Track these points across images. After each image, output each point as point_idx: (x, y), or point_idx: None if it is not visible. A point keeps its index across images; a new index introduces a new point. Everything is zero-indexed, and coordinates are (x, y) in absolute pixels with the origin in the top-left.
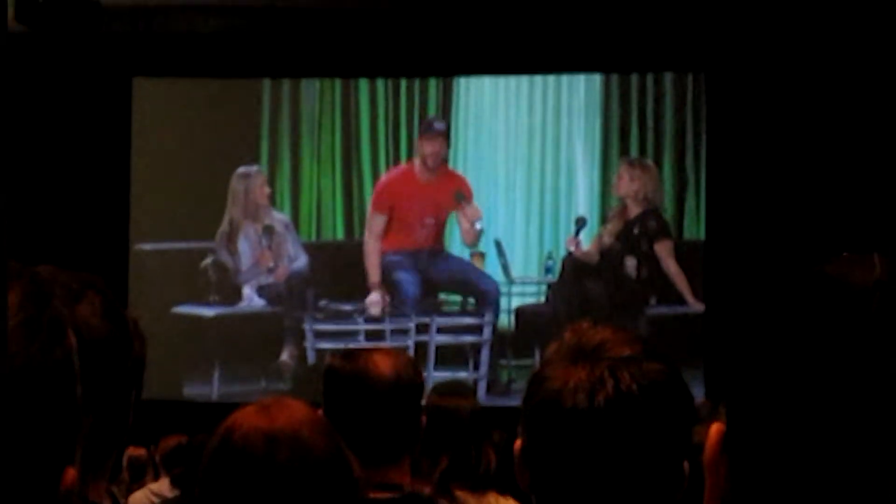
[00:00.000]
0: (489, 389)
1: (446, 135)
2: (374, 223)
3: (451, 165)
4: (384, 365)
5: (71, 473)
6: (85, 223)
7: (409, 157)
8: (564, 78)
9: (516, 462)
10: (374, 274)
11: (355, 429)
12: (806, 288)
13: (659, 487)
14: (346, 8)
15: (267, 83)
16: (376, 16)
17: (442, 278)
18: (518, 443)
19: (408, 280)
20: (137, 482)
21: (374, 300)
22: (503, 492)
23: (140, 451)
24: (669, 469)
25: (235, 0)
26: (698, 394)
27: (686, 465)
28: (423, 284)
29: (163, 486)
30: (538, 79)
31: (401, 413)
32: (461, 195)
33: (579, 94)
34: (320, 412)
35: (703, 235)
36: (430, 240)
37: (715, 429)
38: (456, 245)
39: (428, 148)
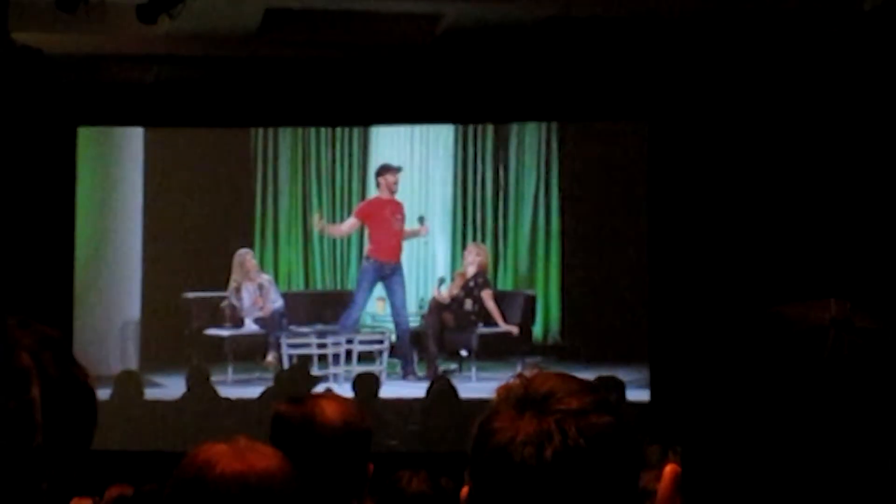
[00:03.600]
0: (405, 377)
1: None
2: (347, 223)
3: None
4: (332, 411)
5: None
6: (28, 273)
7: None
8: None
9: None
10: (337, 226)
11: (303, 474)
12: (761, 329)
13: None
14: (289, 57)
15: (216, 132)
16: (318, 65)
17: (390, 288)
18: (465, 490)
19: (360, 298)
20: None
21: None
22: None
23: (86, 502)
24: None
25: (177, 50)
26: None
27: None
28: (369, 299)
29: None
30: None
31: (348, 459)
32: (422, 217)
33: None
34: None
35: (645, 279)
36: (394, 254)
37: (669, 469)
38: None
39: (391, 178)
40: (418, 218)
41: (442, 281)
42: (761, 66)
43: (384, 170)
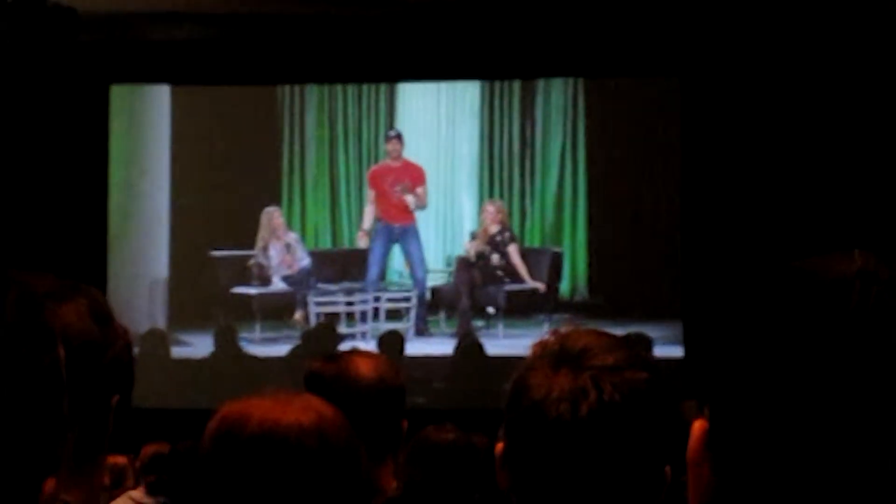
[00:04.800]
0: (418, 334)
1: (400, 137)
2: (368, 195)
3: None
4: (365, 367)
5: (50, 483)
6: (61, 232)
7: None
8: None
9: (497, 464)
10: (365, 223)
11: None
12: (785, 283)
13: (640, 492)
14: (316, 14)
15: (243, 90)
16: (345, 22)
17: (404, 249)
18: (499, 445)
19: (375, 257)
20: (118, 488)
21: (362, 237)
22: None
23: (121, 459)
24: (651, 474)
25: (208, 8)
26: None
27: (668, 469)
28: (386, 257)
29: (142, 492)
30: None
31: (383, 415)
32: (404, 188)
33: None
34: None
35: (678, 235)
36: (401, 217)
37: (697, 426)
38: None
39: (390, 146)
40: (401, 187)
41: (473, 235)
42: (794, 18)
43: (386, 137)
